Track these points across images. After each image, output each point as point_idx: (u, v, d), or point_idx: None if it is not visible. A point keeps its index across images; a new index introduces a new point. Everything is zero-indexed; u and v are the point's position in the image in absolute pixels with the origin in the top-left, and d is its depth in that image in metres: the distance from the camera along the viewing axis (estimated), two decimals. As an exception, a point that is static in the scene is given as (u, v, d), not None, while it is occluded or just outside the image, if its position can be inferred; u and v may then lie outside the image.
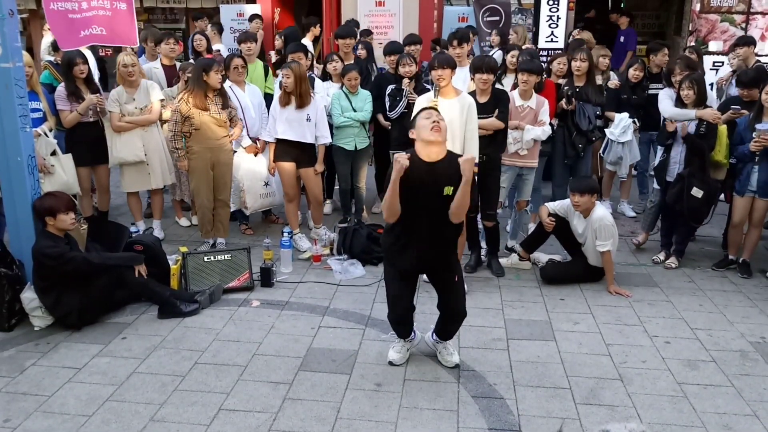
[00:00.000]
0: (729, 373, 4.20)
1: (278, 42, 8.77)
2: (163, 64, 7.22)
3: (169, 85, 7.04)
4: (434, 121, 3.81)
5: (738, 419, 3.71)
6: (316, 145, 6.20)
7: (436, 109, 4.02)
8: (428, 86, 6.34)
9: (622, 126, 6.85)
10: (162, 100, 6.47)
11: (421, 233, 3.95)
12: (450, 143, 5.08)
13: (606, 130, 6.94)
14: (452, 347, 4.35)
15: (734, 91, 7.26)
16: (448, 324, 4.25)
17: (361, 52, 7.92)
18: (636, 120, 7.00)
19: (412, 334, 4.34)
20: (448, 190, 3.84)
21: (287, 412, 3.75)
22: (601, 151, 7.16)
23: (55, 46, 7.11)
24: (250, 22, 9.94)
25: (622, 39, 11.54)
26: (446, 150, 3.93)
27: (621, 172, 7.18)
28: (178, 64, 7.27)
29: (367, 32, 9.24)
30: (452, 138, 5.08)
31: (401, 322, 4.22)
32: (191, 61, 7.69)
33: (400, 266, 4.09)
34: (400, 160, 3.75)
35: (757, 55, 11.07)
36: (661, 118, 6.19)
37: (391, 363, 4.25)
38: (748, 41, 7.74)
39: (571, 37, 8.89)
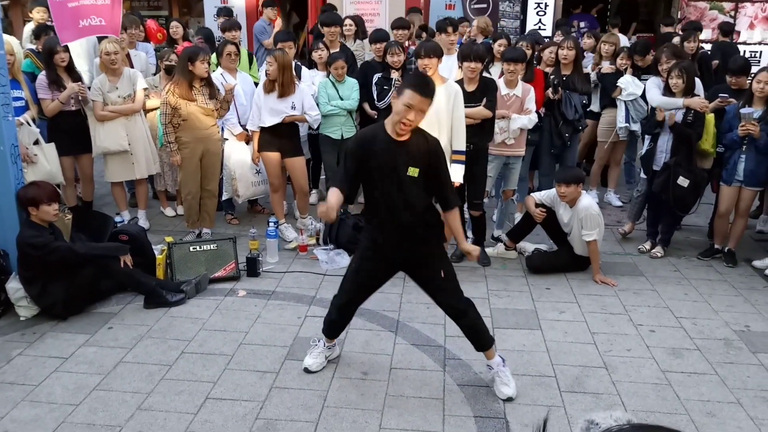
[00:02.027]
0: (713, 361, 4.24)
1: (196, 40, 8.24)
2: None
3: None
4: (403, 123, 3.45)
5: (721, 407, 3.75)
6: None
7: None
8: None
9: (629, 92, 6.84)
10: (145, 89, 6.41)
11: (391, 217, 3.63)
12: (437, 132, 5.08)
13: (620, 96, 6.93)
14: (506, 374, 3.83)
15: None
16: (459, 324, 3.85)
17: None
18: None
19: (335, 343, 4.13)
20: (413, 171, 3.53)
21: (274, 400, 3.76)
22: (621, 121, 7.05)
23: (36, 34, 7.02)
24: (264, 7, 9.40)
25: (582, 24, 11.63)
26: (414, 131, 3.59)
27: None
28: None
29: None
30: (439, 126, 5.08)
31: (342, 314, 3.97)
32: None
33: (371, 259, 3.77)
34: (328, 213, 3.41)
35: (746, 43, 11.19)
36: (648, 107, 6.20)
37: (306, 370, 4.00)
38: (694, 28, 7.82)
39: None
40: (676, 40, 7.87)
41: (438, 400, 3.77)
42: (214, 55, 6.72)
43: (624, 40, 9.15)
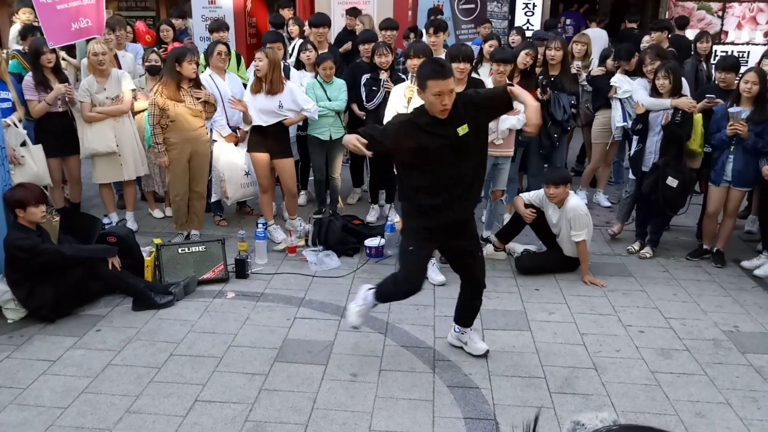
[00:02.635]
0: (702, 362, 4.25)
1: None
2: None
3: None
4: (445, 106, 3.59)
5: (711, 407, 3.77)
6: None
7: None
8: (402, 75, 6.32)
9: (624, 90, 6.81)
10: (133, 90, 6.38)
11: (446, 195, 3.77)
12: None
13: (616, 94, 6.90)
14: (477, 334, 4.34)
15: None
16: (473, 299, 4.16)
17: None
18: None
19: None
20: (462, 129, 3.67)
21: (263, 402, 3.74)
22: (619, 120, 6.96)
23: (23, 35, 6.98)
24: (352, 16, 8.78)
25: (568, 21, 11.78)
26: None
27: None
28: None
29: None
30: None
31: (408, 296, 4.10)
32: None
33: (428, 237, 3.89)
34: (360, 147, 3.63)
35: (733, 43, 11.25)
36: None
37: (354, 327, 4.20)
38: (662, 26, 7.84)
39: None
40: (646, 38, 7.93)
41: (428, 401, 3.77)
42: (202, 57, 6.70)
43: (602, 35, 9.25)
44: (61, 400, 3.76)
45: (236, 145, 6.48)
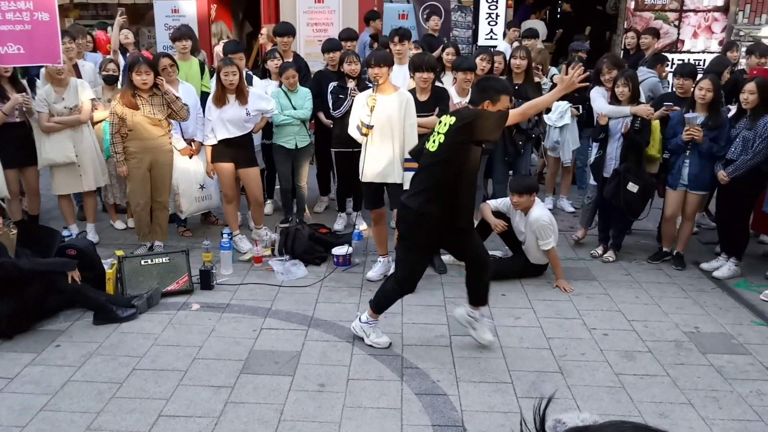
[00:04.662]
0: (664, 363, 4.31)
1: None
2: None
3: None
4: None
5: (673, 407, 3.82)
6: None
7: None
8: (369, 83, 6.32)
9: (558, 111, 6.97)
10: (93, 100, 6.27)
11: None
12: (389, 139, 5.10)
13: (545, 116, 7.04)
14: (487, 322, 4.53)
15: None
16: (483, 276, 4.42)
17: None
18: (578, 108, 7.10)
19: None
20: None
21: (229, 416, 3.69)
22: (544, 142, 7.28)
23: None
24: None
25: None
26: None
27: (564, 158, 7.28)
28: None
29: None
30: (392, 134, 5.09)
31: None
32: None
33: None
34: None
35: (690, 52, 11.49)
36: (594, 115, 6.32)
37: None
38: (530, 35, 8.20)
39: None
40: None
41: (396, 410, 3.75)
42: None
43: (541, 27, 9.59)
44: (19, 418, 3.66)
45: (191, 157, 6.38)
